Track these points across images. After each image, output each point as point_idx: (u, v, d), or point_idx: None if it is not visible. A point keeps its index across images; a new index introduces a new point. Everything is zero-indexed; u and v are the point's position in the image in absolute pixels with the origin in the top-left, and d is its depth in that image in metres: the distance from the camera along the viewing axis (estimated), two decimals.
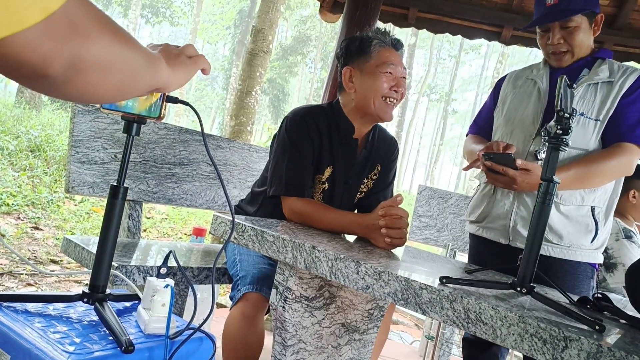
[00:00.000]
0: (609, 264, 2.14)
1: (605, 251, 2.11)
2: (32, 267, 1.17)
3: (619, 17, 3.01)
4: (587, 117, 1.54)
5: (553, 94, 1.61)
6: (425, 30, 3.35)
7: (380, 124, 1.70)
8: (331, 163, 1.59)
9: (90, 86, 0.53)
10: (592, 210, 1.56)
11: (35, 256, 3.44)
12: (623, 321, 1.02)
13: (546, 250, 1.55)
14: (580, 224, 1.55)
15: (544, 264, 1.55)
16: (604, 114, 1.54)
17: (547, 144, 0.99)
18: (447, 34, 3.32)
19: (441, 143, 32.84)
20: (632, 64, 2.94)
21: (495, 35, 3.27)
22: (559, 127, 0.96)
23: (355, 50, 1.57)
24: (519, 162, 1.44)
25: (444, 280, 0.92)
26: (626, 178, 1.63)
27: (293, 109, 1.61)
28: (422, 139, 42.20)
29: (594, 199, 1.56)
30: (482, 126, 1.83)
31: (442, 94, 32.52)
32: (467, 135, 1.92)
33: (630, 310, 1.08)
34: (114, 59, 0.54)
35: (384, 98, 1.53)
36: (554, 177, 0.97)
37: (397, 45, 1.59)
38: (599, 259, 1.60)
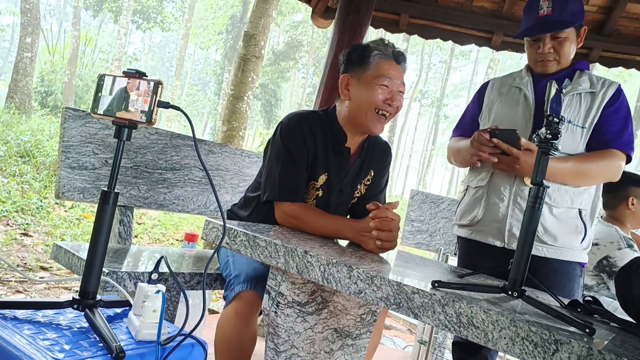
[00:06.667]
0: (612, 272, 2.17)
1: (607, 259, 2.17)
2: (20, 274, 1.16)
3: (607, 24, 3.05)
4: (574, 124, 1.61)
5: (539, 101, 1.67)
6: (416, 35, 3.37)
7: None
8: (326, 170, 1.59)
9: None
10: (580, 212, 1.63)
11: (24, 263, 3.40)
12: (613, 324, 1.02)
13: (541, 251, 1.61)
14: (571, 226, 1.62)
15: (539, 264, 1.61)
16: (590, 122, 1.62)
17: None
18: (438, 39, 3.35)
19: (433, 148, 32.98)
20: (619, 69, 2.99)
21: (486, 41, 3.30)
22: (548, 131, 0.97)
23: (356, 59, 1.56)
24: (522, 140, 1.50)
25: (436, 285, 0.93)
26: (624, 186, 1.70)
27: (288, 114, 1.60)
28: (414, 143, 42.35)
29: (581, 201, 1.63)
30: (466, 131, 1.85)
31: (434, 99, 32.69)
32: (450, 138, 1.94)
33: (621, 314, 1.09)
34: None
35: (376, 110, 1.52)
36: (544, 181, 0.98)
37: (398, 58, 1.55)
38: (586, 258, 1.69)
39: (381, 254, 1.32)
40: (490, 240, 1.67)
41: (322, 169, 1.58)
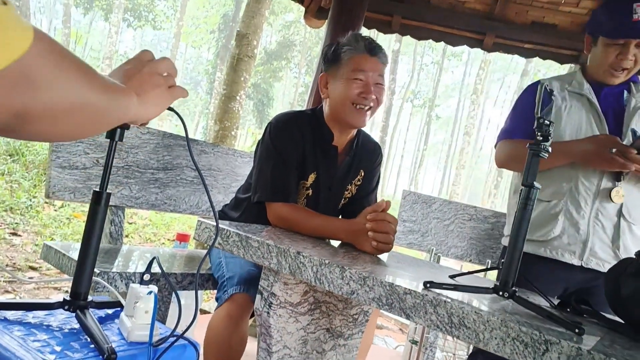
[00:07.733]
0: None
1: None
2: (9, 274, 1.15)
3: None
4: None
5: (612, 111, 1.67)
6: (408, 36, 3.39)
7: (363, 129, 1.71)
8: (315, 169, 1.59)
9: (42, 133, 0.53)
10: None
11: (13, 263, 3.37)
12: (602, 324, 1.04)
13: None
14: None
15: None
16: None
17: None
18: (431, 40, 3.36)
19: (425, 148, 33.09)
20: None
21: (478, 42, 3.32)
22: (539, 134, 0.97)
23: (330, 57, 1.59)
24: None
25: (428, 285, 0.93)
26: None
27: (276, 115, 1.61)
28: (406, 144, 42.48)
29: None
30: (528, 135, 1.73)
31: (426, 100, 32.81)
32: (500, 140, 1.80)
33: (610, 314, 1.11)
34: (70, 104, 0.54)
35: (353, 104, 1.52)
36: (534, 183, 0.98)
37: (372, 50, 1.54)
38: None
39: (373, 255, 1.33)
40: (567, 257, 1.63)
41: (311, 168, 1.58)
